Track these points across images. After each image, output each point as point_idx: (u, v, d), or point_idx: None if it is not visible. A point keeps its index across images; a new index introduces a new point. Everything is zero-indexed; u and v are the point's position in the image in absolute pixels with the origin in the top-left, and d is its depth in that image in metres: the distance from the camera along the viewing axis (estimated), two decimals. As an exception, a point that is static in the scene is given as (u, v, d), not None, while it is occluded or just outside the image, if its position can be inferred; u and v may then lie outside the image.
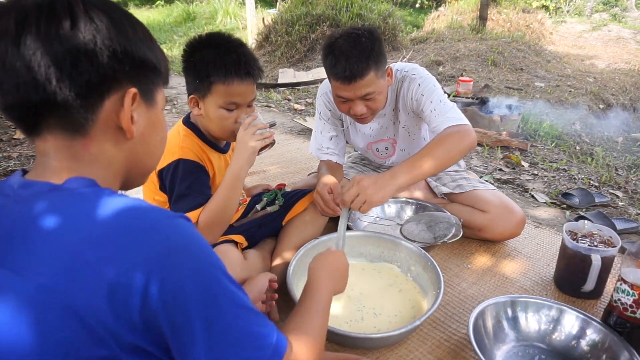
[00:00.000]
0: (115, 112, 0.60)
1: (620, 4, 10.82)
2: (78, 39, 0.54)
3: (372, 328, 1.26)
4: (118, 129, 0.62)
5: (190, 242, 0.56)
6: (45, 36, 0.53)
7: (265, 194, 1.63)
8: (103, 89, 0.58)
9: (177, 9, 10.69)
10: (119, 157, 0.64)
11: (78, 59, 0.55)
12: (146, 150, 0.68)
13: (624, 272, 1.19)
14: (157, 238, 0.54)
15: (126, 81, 0.60)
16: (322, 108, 1.77)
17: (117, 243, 0.52)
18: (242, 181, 1.23)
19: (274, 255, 1.51)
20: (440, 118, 1.50)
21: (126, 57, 0.59)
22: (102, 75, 0.57)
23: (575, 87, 5.41)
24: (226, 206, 1.24)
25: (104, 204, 0.55)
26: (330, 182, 1.55)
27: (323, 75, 5.06)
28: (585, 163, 3.12)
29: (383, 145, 1.81)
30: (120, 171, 0.66)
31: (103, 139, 0.61)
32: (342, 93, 1.47)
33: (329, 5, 6.49)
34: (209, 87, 1.22)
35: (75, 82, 0.55)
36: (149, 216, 0.56)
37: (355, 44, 1.38)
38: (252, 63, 1.24)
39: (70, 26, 0.54)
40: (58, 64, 0.54)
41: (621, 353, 1.10)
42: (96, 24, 0.56)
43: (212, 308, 0.55)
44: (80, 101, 0.57)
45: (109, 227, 0.53)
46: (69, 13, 0.54)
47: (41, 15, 0.53)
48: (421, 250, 1.43)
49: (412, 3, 11.82)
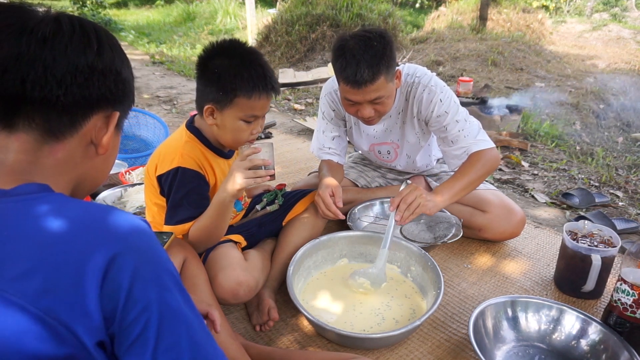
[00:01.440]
0: (95, 128, 0.65)
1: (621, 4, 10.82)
2: (99, 60, 0.62)
3: (372, 328, 1.26)
4: (90, 144, 0.66)
5: (149, 246, 0.58)
6: (74, 48, 0.60)
7: (266, 195, 1.63)
8: (95, 106, 0.63)
9: (177, 8, 10.69)
10: (81, 168, 0.66)
11: (92, 76, 0.61)
12: (103, 168, 0.72)
13: (624, 272, 1.19)
14: (116, 235, 0.55)
15: (114, 104, 0.66)
16: (326, 108, 1.76)
17: (79, 236, 0.53)
18: (229, 208, 1.21)
19: (274, 255, 1.51)
20: (470, 139, 1.56)
21: (122, 85, 0.67)
22: (101, 94, 0.63)
23: (575, 87, 5.42)
24: (214, 229, 1.24)
25: (62, 204, 0.57)
26: (332, 185, 1.54)
27: (323, 75, 5.08)
28: (586, 163, 3.12)
29: (386, 148, 1.81)
30: (74, 181, 0.67)
31: (74, 149, 0.64)
32: (351, 97, 1.45)
33: (329, 5, 6.48)
34: (232, 99, 1.21)
35: (80, 93, 0.61)
36: (109, 216, 0.57)
37: (366, 47, 1.36)
38: (274, 77, 1.25)
39: (97, 49, 0.62)
40: (74, 73, 0.59)
41: (621, 353, 1.10)
42: (112, 51, 0.65)
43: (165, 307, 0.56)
44: (74, 110, 0.61)
45: (71, 224, 0.54)
46: (97, 38, 0.63)
47: (74, 32, 0.60)
48: (421, 250, 1.43)
49: (412, 3, 11.82)
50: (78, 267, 0.51)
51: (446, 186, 1.52)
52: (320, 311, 1.32)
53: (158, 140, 2.63)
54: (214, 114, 1.25)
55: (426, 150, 1.81)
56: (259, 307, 1.33)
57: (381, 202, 1.84)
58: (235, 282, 1.21)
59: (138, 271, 0.53)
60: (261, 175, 1.17)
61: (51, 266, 0.51)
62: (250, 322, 1.34)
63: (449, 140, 1.59)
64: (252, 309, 1.36)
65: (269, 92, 1.24)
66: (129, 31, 9.13)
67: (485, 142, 1.56)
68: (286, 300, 1.39)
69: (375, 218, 1.81)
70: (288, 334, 1.30)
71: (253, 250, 1.48)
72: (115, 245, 0.53)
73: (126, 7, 13.05)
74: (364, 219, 1.80)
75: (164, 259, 0.58)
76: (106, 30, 0.66)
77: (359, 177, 1.94)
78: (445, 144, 1.62)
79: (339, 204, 1.50)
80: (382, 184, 1.95)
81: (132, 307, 0.52)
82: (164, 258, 0.59)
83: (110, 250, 0.52)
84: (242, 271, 1.26)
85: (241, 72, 1.20)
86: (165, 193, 1.27)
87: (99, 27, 0.65)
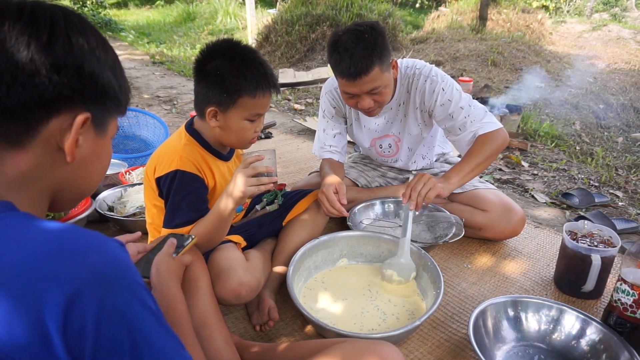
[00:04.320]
0: (60, 131, 0.56)
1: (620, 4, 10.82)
2: (47, 52, 0.52)
3: (373, 327, 1.26)
4: (59, 150, 0.58)
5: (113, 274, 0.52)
6: (15, 40, 0.51)
7: (266, 195, 1.63)
8: (53, 106, 0.55)
9: (177, 9, 10.70)
10: (52, 177, 0.60)
11: (38, 72, 0.52)
12: (84, 175, 0.64)
13: (624, 272, 1.19)
14: (75, 267, 0.49)
15: (81, 104, 0.57)
16: (327, 106, 1.78)
17: (40, 267, 0.47)
18: (231, 214, 1.21)
19: (275, 255, 1.51)
20: (477, 124, 1.58)
21: (89, 81, 0.57)
22: (57, 93, 0.54)
23: (575, 87, 5.42)
24: (215, 234, 1.24)
25: (20, 231, 0.51)
26: (335, 182, 1.56)
27: (323, 75, 5.08)
28: (585, 163, 3.12)
29: (387, 142, 1.82)
30: (49, 191, 0.61)
31: (40, 156, 0.57)
32: (348, 89, 1.49)
33: (329, 5, 6.49)
34: (236, 100, 1.21)
35: (25, 93, 0.52)
36: (68, 244, 0.51)
37: (358, 40, 1.39)
38: (274, 74, 1.26)
39: (47, 40, 0.53)
40: (15, 70, 0.51)
41: (621, 353, 1.10)
42: (71, 43, 0.54)
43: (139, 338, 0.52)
44: (25, 113, 0.53)
45: (31, 252, 0.48)
46: (49, 27, 0.53)
47: (19, 19, 0.52)
48: (421, 250, 1.43)
49: (412, 3, 11.82)
50: (35, 310, 0.45)
51: (455, 169, 1.55)
52: (320, 311, 1.32)
53: (158, 140, 2.63)
54: (217, 116, 1.24)
55: (428, 142, 1.82)
56: (259, 307, 1.33)
57: (381, 202, 1.84)
58: (237, 283, 1.21)
59: (103, 306, 0.48)
60: (264, 182, 1.17)
61: (7, 306, 0.45)
62: (250, 322, 1.34)
63: (456, 128, 1.60)
64: (252, 309, 1.36)
65: (271, 89, 1.24)
66: (129, 31, 9.13)
67: (492, 124, 1.59)
68: (286, 300, 1.39)
69: (375, 218, 1.81)
70: (288, 334, 1.30)
71: (254, 251, 1.48)
72: (74, 280, 0.47)
73: (126, 7, 13.05)
74: (364, 219, 1.80)
75: (132, 283, 0.52)
76: (71, 16, 0.56)
77: (359, 177, 1.95)
78: (453, 133, 1.63)
79: (343, 201, 1.51)
80: (382, 183, 1.96)
81: (102, 345, 0.48)
82: (131, 282, 0.52)
83: (69, 286, 0.47)
84: (243, 272, 1.26)
85: (243, 72, 1.20)
86: (164, 195, 1.27)
87: (59, 12, 0.56)
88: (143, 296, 0.53)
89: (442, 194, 1.47)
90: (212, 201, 1.33)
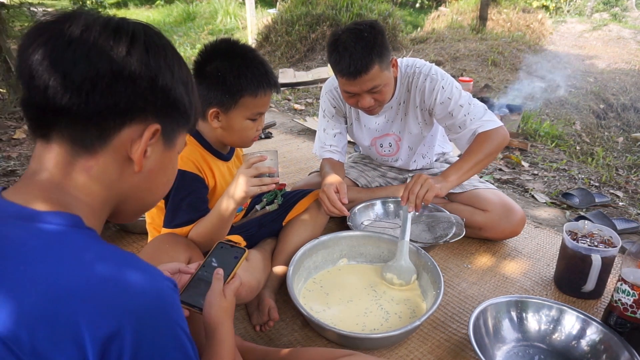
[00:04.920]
0: (130, 141, 0.59)
1: (621, 3, 10.81)
2: (125, 64, 0.55)
3: (375, 327, 1.26)
4: (127, 159, 0.60)
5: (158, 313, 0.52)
6: (97, 50, 0.54)
7: (266, 195, 1.63)
8: (126, 116, 0.57)
9: (177, 8, 10.68)
10: (118, 186, 0.61)
11: (116, 81, 0.55)
12: (148, 187, 0.66)
13: (624, 272, 1.19)
14: (126, 304, 0.50)
15: (152, 116, 0.60)
16: (327, 106, 1.78)
17: (94, 298, 0.48)
18: (232, 214, 1.21)
19: (275, 255, 1.51)
20: (477, 122, 1.58)
21: (162, 93, 0.59)
22: (131, 103, 0.57)
23: (575, 87, 5.42)
24: (215, 234, 1.23)
25: (87, 250, 0.52)
26: (336, 182, 1.56)
27: (323, 75, 5.08)
28: (586, 163, 3.12)
29: (387, 141, 1.82)
30: (114, 201, 0.63)
31: (109, 164, 0.59)
32: (348, 88, 1.49)
33: (329, 5, 6.49)
34: (238, 100, 1.21)
35: (103, 101, 0.55)
36: (123, 276, 0.51)
37: (357, 39, 1.40)
38: (273, 73, 1.26)
39: (126, 52, 0.55)
40: (96, 79, 0.54)
41: (621, 353, 1.10)
42: (148, 57, 0.57)
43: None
44: (100, 119, 0.56)
45: (84, 279, 0.49)
46: (130, 41, 0.56)
47: (105, 31, 0.55)
48: (421, 250, 1.43)
49: (412, 3, 11.82)
50: (77, 336, 0.46)
51: (454, 167, 1.55)
52: (320, 311, 1.32)
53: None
54: (219, 117, 1.25)
55: (428, 141, 1.82)
56: (259, 307, 1.33)
57: (382, 202, 1.84)
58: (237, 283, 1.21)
59: (141, 345, 0.49)
60: (266, 183, 1.18)
61: (53, 323, 0.46)
62: (250, 322, 1.34)
63: (456, 127, 1.61)
64: (252, 309, 1.35)
65: (272, 88, 1.25)
66: (129, 31, 9.11)
67: (492, 122, 1.59)
68: (286, 300, 1.39)
69: (375, 218, 1.81)
70: (288, 334, 1.30)
71: (254, 251, 1.48)
72: (122, 317, 0.48)
73: (126, 7, 13.04)
74: (364, 219, 1.80)
75: (172, 325, 0.53)
76: (151, 32, 0.60)
77: (359, 177, 1.95)
78: (453, 132, 1.63)
79: (344, 200, 1.51)
80: (382, 183, 1.96)
81: None
82: (173, 324, 0.53)
83: (114, 323, 0.48)
84: (243, 272, 1.25)
85: (244, 72, 1.20)
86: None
87: (142, 27, 0.59)
88: (183, 342, 0.54)
89: (440, 194, 1.47)
90: (212, 201, 1.33)
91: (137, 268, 0.53)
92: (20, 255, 0.49)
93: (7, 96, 3.67)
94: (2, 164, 2.55)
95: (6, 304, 0.46)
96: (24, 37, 0.56)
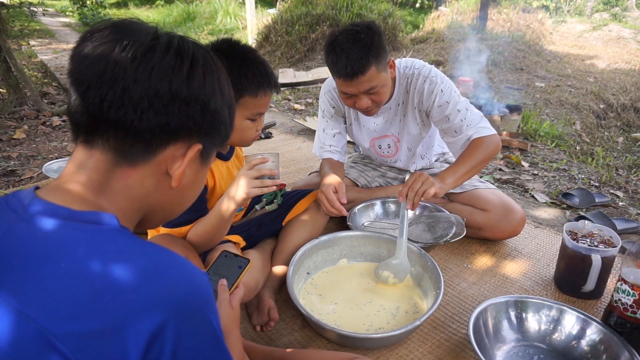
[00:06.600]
0: (172, 157, 0.60)
1: (621, 3, 10.80)
2: (184, 86, 0.57)
3: (377, 327, 1.26)
4: (166, 174, 0.61)
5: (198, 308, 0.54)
6: (160, 71, 0.55)
7: (265, 195, 1.63)
8: (173, 135, 0.59)
9: (177, 8, 10.69)
10: (152, 198, 0.63)
11: (172, 103, 0.56)
12: (178, 201, 0.68)
13: (624, 272, 1.19)
14: (169, 298, 0.51)
15: (197, 135, 0.61)
16: (326, 106, 1.78)
17: (134, 290, 0.49)
18: (232, 215, 1.21)
19: (274, 255, 1.51)
20: (473, 128, 1.59)
21: (210, 116, 0.61)
22: (182, 124, 0.58)
23: (575, 87, 5.41)
24: (215, 234, 1.23)
25: (124, 247, 0.53)
26: (335, 182, 1.56)
27: (323, 75, 5.08)
28: (586, 163, 3.12)
29: (386, 142, 1.82)
30: (144, 211, 0.64)
31: (147, 177, 0.60)
32: (345, 89, 1.49)
33: (329, 5, 6.49)
34: (238, 100, 1.21)
35: (156, 120, 0.56)
36: (166, 271, 0.53)
37: (354, 40, 1.40)
38: (274, 73, 1.26)
39: (186, 75, 0.57)
40: (153, 98, 0.55)
41: (621, 353, 1.10)
42: (205, 80, 0.59)
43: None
44: (149, 136, 0.57)
45: (128, 272, 0.50)
46: (190, 64, 0.58)
47: (167, 52, 0.56)
48: (421, 250, 1.43)
49: (412, 3, 11.81)
50: (123, 328, 0.47)
51: (450, 171, 1.55)
52: (321, 311, 1.32)
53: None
54: None
55: (427, 142, 1.82)
56: (259, 308, 1.33)
57: (382, 202, 1.84)
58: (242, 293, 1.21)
59: (180, 339, 0.50)
60: (268, 185, 1.18)
61: (100, 316, 0.47)
62: (250, 323, 1.34)
63: (452, 131, 1.61)
64: (252, 309, 1.35)
65: (272, 88, 1.25)
66: (129, 31, 9.11)
67: (487, 129, 1.60)
68: (286, 300, 1.39)
69: (375, 218, 1.81)
70: (288, 334, 1.30)
71: (253, 251, 1.48)
72: (163, 311, 0.49)
73: (126, 7, 13.05)
74: (364, 219, 1.80)
75: (209, 320, 0.54)
76: (208, 56, 0.62)
77: (359, 177, 1.95)
78: (449, 135, 1.64)
79: (342, 201, 1.51)
80: (382, 183, 1.96)
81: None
82: (210, 319, 0.54)
83: (157, 316, 0.48)
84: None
85: (245, 72, 1.20)
86: None
87: (201, 51, 0.61)
88: (216, 333, 0.55)
89: (439, 194, 1.47)
90: (211, 201, 1.33)
91: (174, 261, 0.54)
92: (62, 253, 0.50)
93: (7, 96, 3.68)
94: (2, 164, 2.55)
95: (49, 301, 0.46)
96: (80, 43, 0.57)
